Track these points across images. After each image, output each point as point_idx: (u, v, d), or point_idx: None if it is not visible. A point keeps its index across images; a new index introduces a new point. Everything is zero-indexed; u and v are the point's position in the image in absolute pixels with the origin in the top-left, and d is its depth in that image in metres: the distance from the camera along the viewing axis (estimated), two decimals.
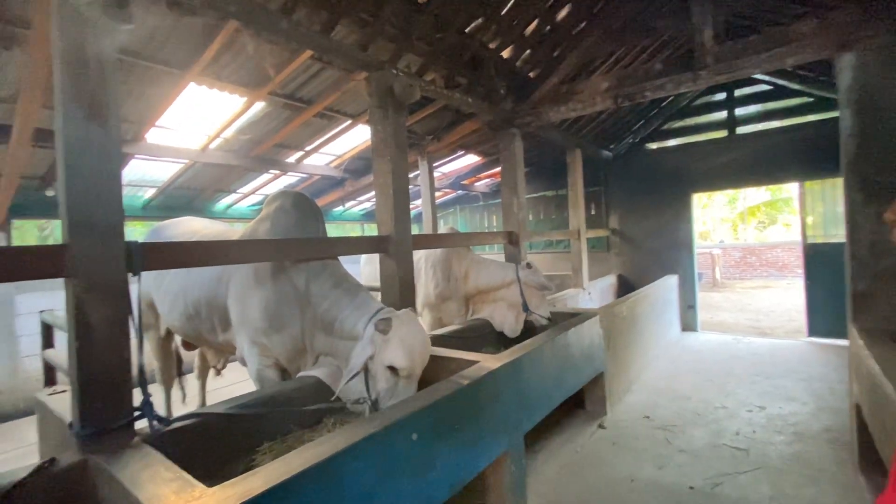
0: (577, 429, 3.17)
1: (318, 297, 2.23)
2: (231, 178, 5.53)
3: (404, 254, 2.75)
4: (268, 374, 2.31)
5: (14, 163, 3.40)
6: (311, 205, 2.52)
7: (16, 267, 1.41)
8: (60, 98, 1.49)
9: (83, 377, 1.48)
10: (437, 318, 3.73)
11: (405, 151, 2.89)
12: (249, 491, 1.16)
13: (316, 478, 1.30)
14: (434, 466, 1.75)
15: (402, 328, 1.97)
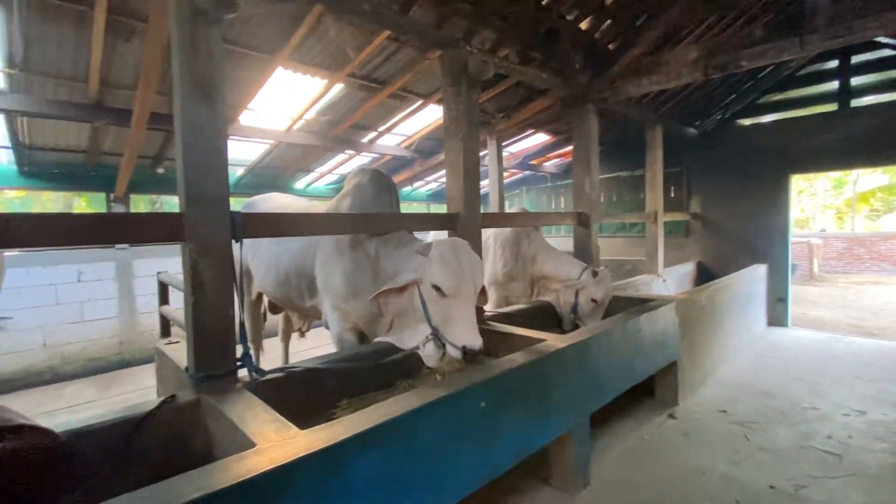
0: (644, 416, 3.08)
1: (383, 259, 2.35)
2: (310, 157, 5.87)
3: (473, 231, 2.79)
4: (347, 337, 2.49)
5: (133, 144, 3.88)
6: (387, 181, 2.64)
7: (144, 231, 1.65)
8: (178, 83, 1.68)
9: (197, 329, 1.70)
10: (503, 297, 3.76)
11: (477, 130, 2.90)
12: (335, 436, 1.29)
13: (391, 431, 1.41)
14: (499, 435, 1.81)
15: (442, 247, 2.00)
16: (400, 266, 2.24)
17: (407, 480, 1.46)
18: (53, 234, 1.40)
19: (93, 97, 3.50)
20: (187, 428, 1.65)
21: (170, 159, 5.03)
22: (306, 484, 1.21)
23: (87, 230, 1.47)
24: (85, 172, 4.96)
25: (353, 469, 1.31)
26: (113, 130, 4.14)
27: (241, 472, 1.11)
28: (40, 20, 2.76)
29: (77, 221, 1.48)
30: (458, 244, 2.05)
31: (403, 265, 2.21)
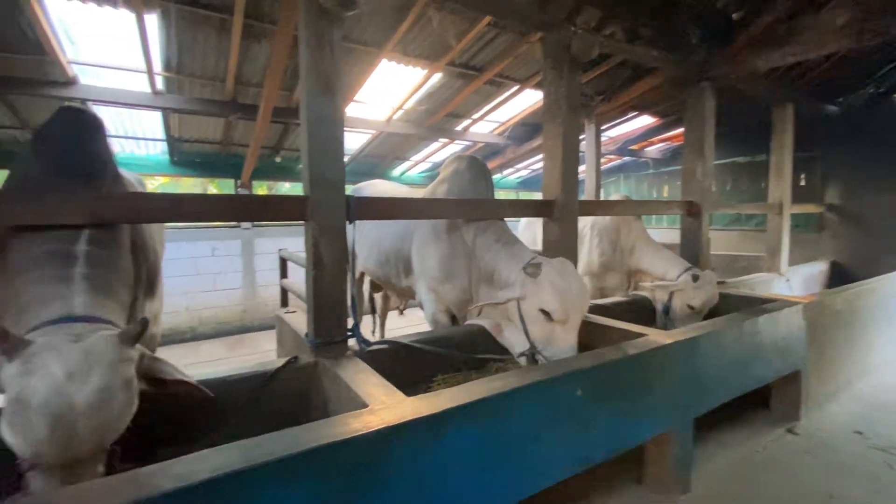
0: (757, 428, 2.79)
1: (481, 250, 2.40)
2: (407, 146, 6.12)
3: (570, 219, 2.72)
4: (440, 318, 2.60)
5: (258, 135, 4.38)
6: (483, 167, 2.68)
7: (278, 211, 1.87)
8: (305, 79, 1.86)
9: (317, 300, 1.90)
10: (598, 289, 3.63)
11: (578, 113, 2.80)
12: (439, 405, 1.38)
13: (490, 407, 1.46)
14: (594, 426, 1.78)
15: (552, 271, 1.97)
16: (499, 267, 2.26)
17: (502, 456, 1.50)
18: (213, 210, 1.66)
19: (228, 94, 4.01)
20: (306, 385, 1.87)
21: (287, 149, 5.58)
22: (412, 445, 1.31)
23: (237, 209, 1.72)
24: (218, 161, 5.71)
25: (454, 438, 1.39)
26: (242, 124, 4.70)
27: (357, 427, 1.24)
28: (191, 28, 3.22)
29: (230, 201, 1.73)
30: (568, 269, 2.01)
31: (504, 270, 2.22)
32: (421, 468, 1.32)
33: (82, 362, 1.01)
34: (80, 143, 1.55)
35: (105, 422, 1.02)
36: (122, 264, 1.47)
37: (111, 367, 1.04)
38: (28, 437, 0.95)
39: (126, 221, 1.54)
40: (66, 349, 1.01)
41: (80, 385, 0.99)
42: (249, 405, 1.73)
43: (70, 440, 0.98)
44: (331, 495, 1.15)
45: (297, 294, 2.84)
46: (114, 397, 1.03)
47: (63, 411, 0.96)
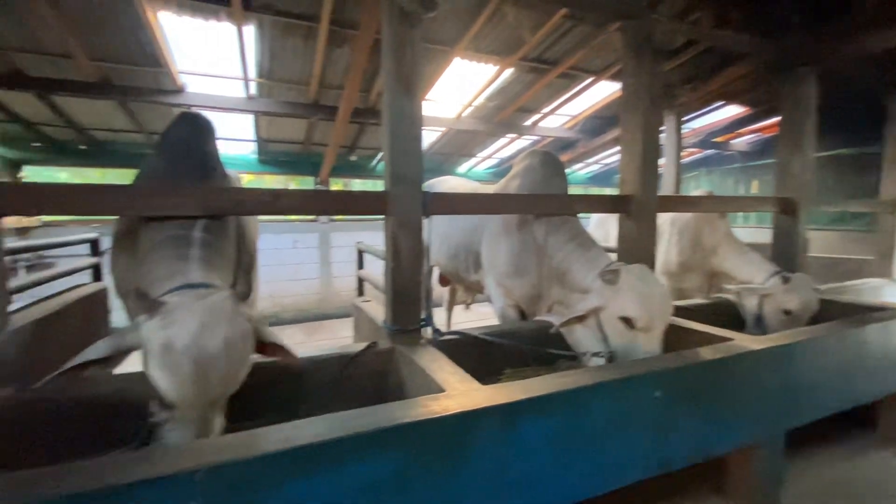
0: (858, 449, 2.52)
1: (554, 248, 2.38)
2: (475, 143, 6.17)
3: (647, 216, 2.61)
4: (509, 313, 2.63)
5: (336, 135, 4.64)
6: (557, 163, 2.65)
7: (362, 206, 2.00)
8: (387, 80, 1.96)
9: (394, 290, 2.01)
10: (675, 289, 3.45)
11: (658, 104, 2.68)
12: (513, 395, 1.41)
13: (564, 401, 1.47)
14: (673, 431, 1.72)
15: (632, 278, 1.91)
16: (572, 269, 2.23)
17: (575, 451, 1.51)
18: (306, 205, 1.82)
19: (311, 97, 4.29)
20: (384, 369, 1.98)
21: (361, 148, 5.86)
22: (486, 431, 1.36)
23: (326, 203, 1.87)
24: (300, 160, 6.14)
25: (528, 428, 1.42)
26: (322, 125, 5.01)
27: (436, 409, 1.31)
28: (281, 37, 3.49)
29: (320, 196, 1.89)
30: (647, 274, 1.95)
31: (577, 273, 2.19)
32: (495, 454, 1.36)
33: (209, 314, 1.20)
34: (196, 144, 1.77)
35: (230, 365, 1.20)
36: (227, 250, 1.67)
37: (231, 318, 1.23)
38: (176, 376, 1.14)
39: (232, 213, 1.73)
40: (195, 304, 1.22)
41: (211, 332, 1.18)
42: (333, 383, 1.87)
43: (206, 380, 1.16)
44: (413, 469, 1.23)
45: (373, 284, 2.99)
46: (235, 344, 1.22)
47: (200, 352, 1.15)
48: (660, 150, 2.77)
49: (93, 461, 1.01)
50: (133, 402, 1.47)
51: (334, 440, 1.11)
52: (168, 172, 1.70)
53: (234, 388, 1.26)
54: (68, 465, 0.97)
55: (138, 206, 1.57)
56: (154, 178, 1.72)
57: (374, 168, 6.66)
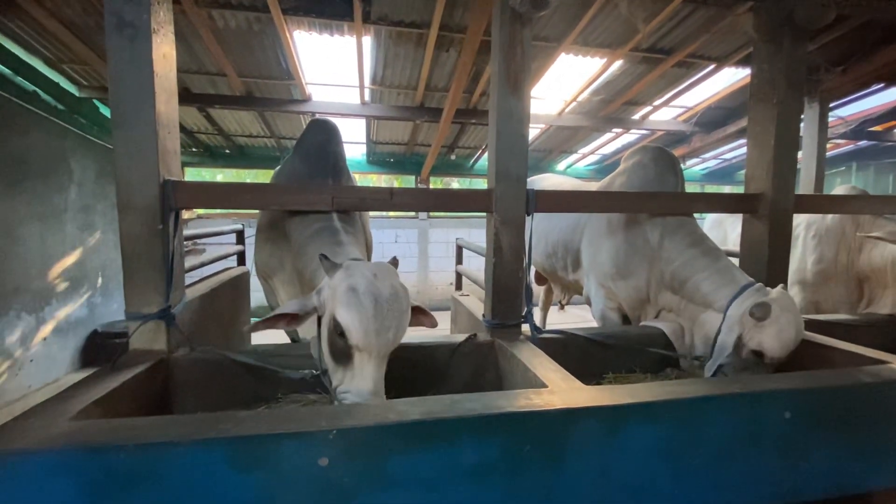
0: None
1: (671, 253, 2.24)
2: (576, 139, 5.98)
3: (781, 217, 2.33)
4: (610, 315, 2.53)
5: (439, 136, 4.84)
6: (672, 160, 2.48)
7: (465, 203, 2.09)
8: (496, 79, 2.02)
9: (495, 285, 2.06)
10: (811, 302, 3.02)
11: (799, 91, 2.36)
12: (618, 398, 1.38)
13: (676, 410, 1.39)
14: (805, 458, 1.53)
15: (782, 318, 1.76)
16: (696, 280, 2.10)
17: (687, 466, 1.42)
18: (417, 201, 1.95)
19: (418, 101, 4.53)
20: (483, 361, 2.04)
21: (461, 147, 6.03)
22: (589, 432, 1.34)
23: (436, 200, 1.98)
24: (403, 160, 6.50)
25: (635, 435, 1.37)
26: (426, 126, 5.25)
27: (539, 402, 1.33)
28: (394, 45, 3.73)
29: (430, 194, 2.01)
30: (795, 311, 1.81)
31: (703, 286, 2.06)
32: (598, 456, 1.35)
33: (380, 269, 1.45)
34: (326, 146, 2.01)
35: (399, 314, 1.41)
36: (360, 238, 1.90)
37: (395, 275, 1.47)
38: (360, 312, 1.35)
39: (356, 209, 1.93)
40: (368, 264, 1.48)
41: (382, 280, 1.41)
42: (438, 368, 1.99)
43: (383, 318, 1.36)
44: (515, 457, 1.27)
45: (471, 279, 3.09)
46: (400, 293, 1.43)
47: (377, 294, 1.37)
48: (798, 143, 2.44)
49: (250, 413, 1.22)
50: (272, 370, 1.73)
51: (443, 420, 1.19)
52: (305, 171, 1.96)
53: (401, 335, 1.44)
54: (236, 413, 1.18)
55: (283, 201, 1.84)
56: (293, 177, 2.00)
57: (471, 167, 6.79)
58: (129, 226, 1.73)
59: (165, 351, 1.76)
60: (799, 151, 4.93)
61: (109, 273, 4.31)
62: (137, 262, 1.75)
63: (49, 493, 1.01)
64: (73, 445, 1.03)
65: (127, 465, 1.04)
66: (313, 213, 1.82)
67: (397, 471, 1.18)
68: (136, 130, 1.70)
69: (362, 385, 1.38)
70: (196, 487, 1.06)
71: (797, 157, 2.39)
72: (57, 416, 1.21)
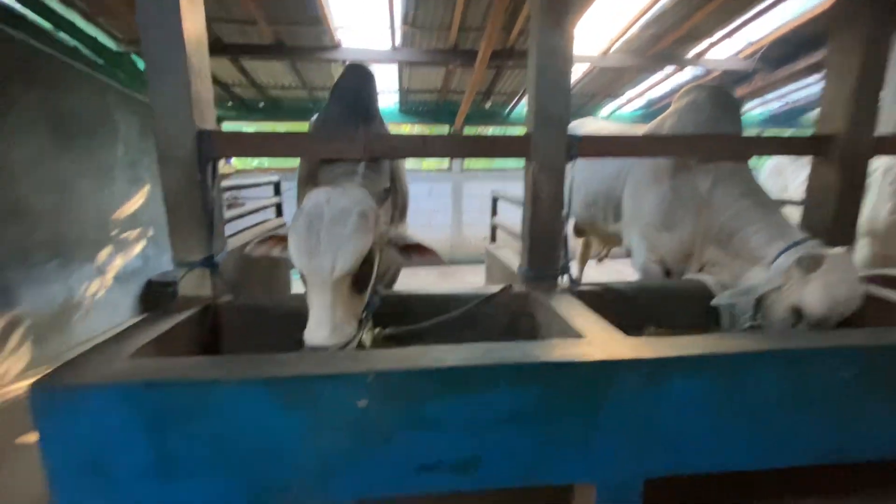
0: None
1: (721, 204, 2.08)
2: (621, 81, 5.56)
3: (856, 161, 2.09)
4: (652, 269, 2.42)
5: (475, 79, 4.60)
6: (729, 99, 2.25)
7: (502, 149, 1.99)
8: (537, 12, 1.85)
9: (532, 235, 1.99)
10: (882, 256, 2.77)
11: (891, 16, 2.04)
12: (659, 350, 1.32)
13: (722, 365, 1.33)
14: (859, 419, 1.45)
15: (833, 273, 1.59)
16: (746, 234, 1.93)
17: (730, 421, 1.37)
18: (453, 148, 1.88)
19: (451, 43, 4.29)
20: (518, 312, 2.02)
21: (497, 94, 5.75)
22: (629, 384, 1.31)
23: (470, 146, 1.89)
24: (436, 109, 6.30)
25: (677, 389, 1.33)
26: (459, 71, 5.01)
27: (578, 353, 1.30)
28: None
29: (465, 140, 1.93)
30: (851, 270, 1.61)
31: (753, 240, 1.90)
32: (637, 407, 1.32)
33: (338, 196, 1.38)
34: (360, 92, 1.95)
35: (340, 238, 1.31)
36: (379, 182, 1.88)
37: (355, 201, 1.38)
38: (294, 233, 1.32)
39: (389, 157, 1.88)
40: (332, 189, 1.42)
41: (334, 203, 1.35)
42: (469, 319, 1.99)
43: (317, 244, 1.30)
44: (553, 404, 1.26)
45: (507, 231, 3.02)
46: (347, 220, 1.33)
47: (314, 214, 1.32)
48: (883, 78, 2.14)
49: (292, 355, 1.26)
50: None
51: (479, 367, 1.19)
52: (339, 117, 1.93)
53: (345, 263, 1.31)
54: (278, 356, 1.22)
55: (314, 149, 1.82)
56: (326, 123, 1.96)
57: (507, 115, 6.51)
58: (169, 177, 1.76)
59: (211, 297, 1.83)
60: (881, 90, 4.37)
61: (159, 226, 4.54)
62: (180, 213, 1.80)
63: (109, 423, 1.09)
64: (131, 381, 1.10)
65: (179, 400, 1.10)
66: (342, 161, 1.79)
67: (433, 414, 1.20)
68: (168, 80, 1.69)
69: (309, 321, 1.30)
70: (242, 423, 1.12)
71: (879, 94, 2.10)
72: (117, 354, 1.29)
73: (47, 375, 1.12)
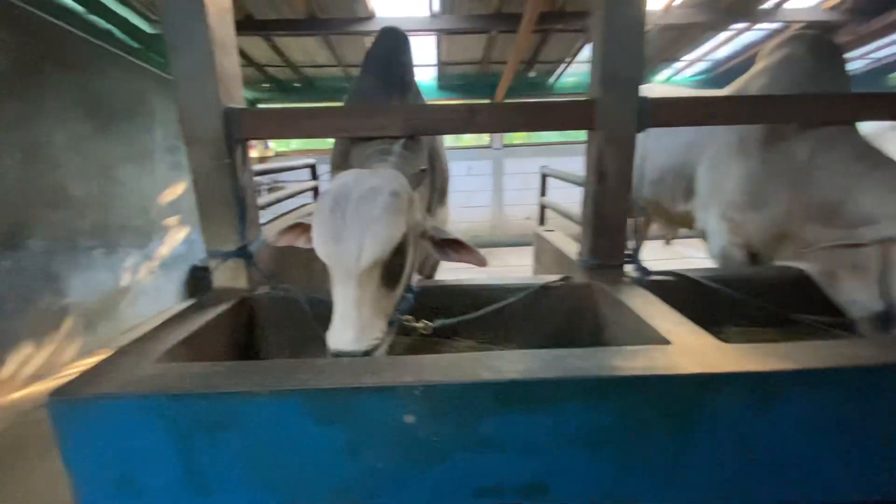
0: None
1: (824, 172, 1.74)
2: (683, 41, 5.02)
3: None
4: (734, 254, 2.11)
5: (520, 45, 4.23)
6: (834, 50, 1.87)
7: (561, 118, 1.73)
8: None
9: (596, 218, 1.75)
10: None
11: None
12: (766, 361, 1.07)
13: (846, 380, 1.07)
14: None
15: None
16: (857, 197, 1.60)
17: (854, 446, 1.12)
18: (503, 120, 1.65)
19: (493, 6, 3.96)
20: (579, 306, 1.80)
21: (541, 62, 5.35)
22: (730, 403, 1.07)
23: (524, 115, 1.65)
24: (476, 82, 5.97)
25: (785, 407, 1.08)
26: (502, 39, 4.66)
27: (666, 364, 1.07)
28: None
29: (517, 110, 1.68)
30: None
31: (866, 201, 1.56)
32: (739, 427, 1.08)
33: (367, 175, 1.22)
34: (394, 57, 1.75)
35: (368, 220, 1.11)
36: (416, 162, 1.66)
37: (387, 182, 1.20)
38: (318, 215, 1.16)
39: (432, 132, 1.68)
40: (361, 171, 1.27)
41: (358, 185, 1.17)
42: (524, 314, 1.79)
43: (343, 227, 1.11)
44: (635, 423, 1.06)
45: (559, 212, 2.76)
46: (380, 202, 1.13)
47: (340, 195, 1.15)
48: None
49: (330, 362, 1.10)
50: None
51: (546, 380, 1.00)
52: (373, 90, 1.73)
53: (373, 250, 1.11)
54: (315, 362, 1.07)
55: (351, 125, 1.63)
56: (363, 95, 1.77)
57: (552, 86, 6.08)
58: (197, 161, 1.65)
59: (247, 289, 1.72)
60: None
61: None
62: (210, 199, 1.69)
63: (135, 435, 0.99)
64: (154, 392, 0.99)
65: (208, 412, 0.99)
66: (376, 139, 1.60)
67: (491, 432, 1.03)
68: (190, 54, 1.55)
69: (333, 322, 1.11)
70: (277, 436, 1.00)
71: None
72: (143, 358, 1.19)
73: (67, 384, 1.03)
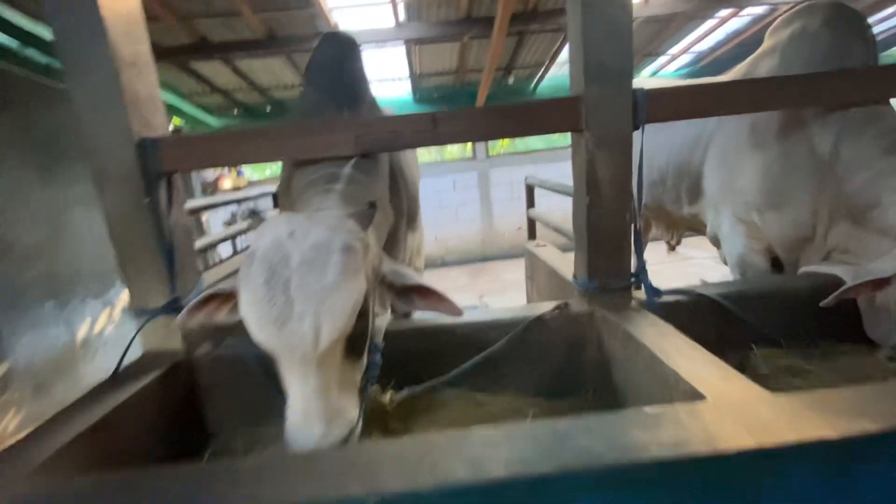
0: None
1: (851, 164, 1.50)
2: (665, 34, 4.84)
3: None
4: (755, 261, 1.85)
5: (493, 53, 4.03)
6: (856, 19, 1.63)
7: (540, 120, 1.47)
8: None
9: (591, 234, 1.48)
10: None
11: None
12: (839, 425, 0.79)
13: None
14: None
15: None
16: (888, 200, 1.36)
17: None
18: (471, 127, 1.39)
19: (463, 10, 3.75)
20: (580, 338, 1.53)
21: (519, 67, 5.16)
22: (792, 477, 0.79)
23: (496, 121, 1.40)
24: (453, 93, 5.77)
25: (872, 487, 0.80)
26: (476, 45, 4.46)
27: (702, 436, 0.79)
28: None
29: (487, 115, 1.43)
30: None
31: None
32: None
33: (305, 224, 0.95)
34: (341, 65, 1.49)
35: (319, 291, 0.87)
36: (374, 187, 1.39)
37: (334, 233, 0.94)
38: (248, 291, 0.89)
39: (390, 148, 1.41)
40: (295, 217, 0.99)
41: (298, 244, 0.91)
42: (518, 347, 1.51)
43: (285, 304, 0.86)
44: None
45: (548, 225, 2.50)
46: (332, 264, 0.89)
47: (276, 261, 0.89)
48: None
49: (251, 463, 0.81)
50: None
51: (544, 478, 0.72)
52: (318, 103, 1.47)
53: (331, 327, 0.87)
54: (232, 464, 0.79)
55: (293, 146, 1.37)
56: (306, 113, 1.51)
57: (533, 90, 5.88)
58: (110, 201, 1.38)
59: (183, 351, 1.43)
60: None
61: None
62: (129, 247, 1.42)
63: None
64: None
65: None
66: (324, 161, 1.33)
67: None
68: (90, 74, 1.29)
69: (290, 413, 0.87)
70: None
71: None
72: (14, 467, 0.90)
73: None
